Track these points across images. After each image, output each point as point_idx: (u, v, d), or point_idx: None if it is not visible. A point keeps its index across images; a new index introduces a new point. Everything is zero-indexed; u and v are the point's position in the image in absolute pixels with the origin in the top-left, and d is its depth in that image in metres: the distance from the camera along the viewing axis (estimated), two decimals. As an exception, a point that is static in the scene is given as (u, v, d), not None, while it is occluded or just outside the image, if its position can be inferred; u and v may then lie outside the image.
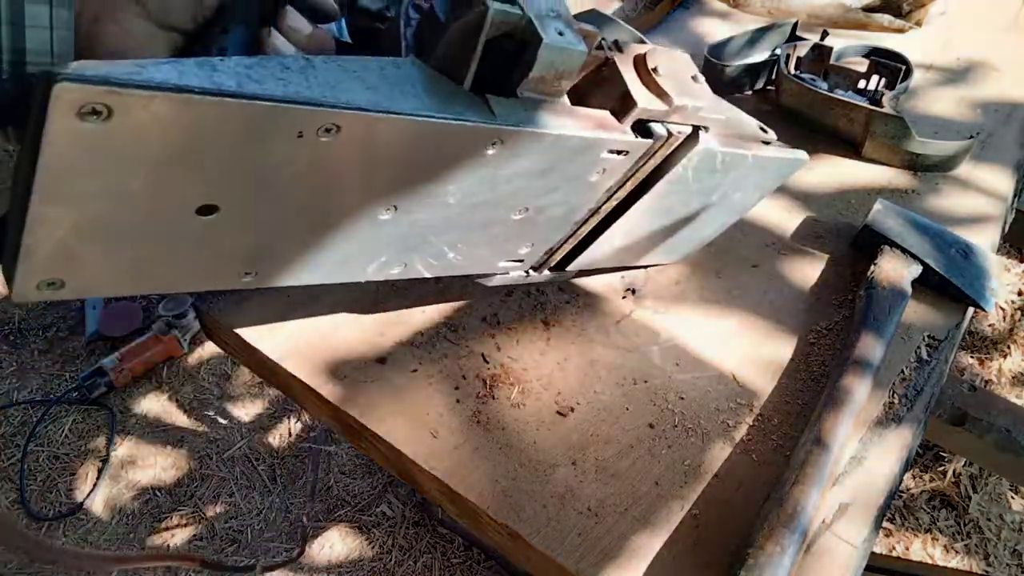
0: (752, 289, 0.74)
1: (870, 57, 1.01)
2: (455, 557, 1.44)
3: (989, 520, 1.47)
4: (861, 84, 1.00)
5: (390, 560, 1.43)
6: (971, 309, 0.73)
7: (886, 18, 1.19)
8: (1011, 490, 1.51)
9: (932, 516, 1.48)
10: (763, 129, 0.60)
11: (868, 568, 0.79)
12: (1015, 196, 0.93)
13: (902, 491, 1.50)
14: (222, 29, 0.42)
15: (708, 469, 0.57)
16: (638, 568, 0.51)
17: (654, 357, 0.66)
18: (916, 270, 0.72)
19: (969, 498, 1.49)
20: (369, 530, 1.48)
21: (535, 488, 0.55)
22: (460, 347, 0.65)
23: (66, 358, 1.77)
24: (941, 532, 1.46)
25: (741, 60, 1.05)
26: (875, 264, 0.72)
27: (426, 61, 0.41)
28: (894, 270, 0.71)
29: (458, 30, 0.40)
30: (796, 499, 0.52)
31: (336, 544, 1.46)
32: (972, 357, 1.74)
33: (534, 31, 0.40)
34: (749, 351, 0.67)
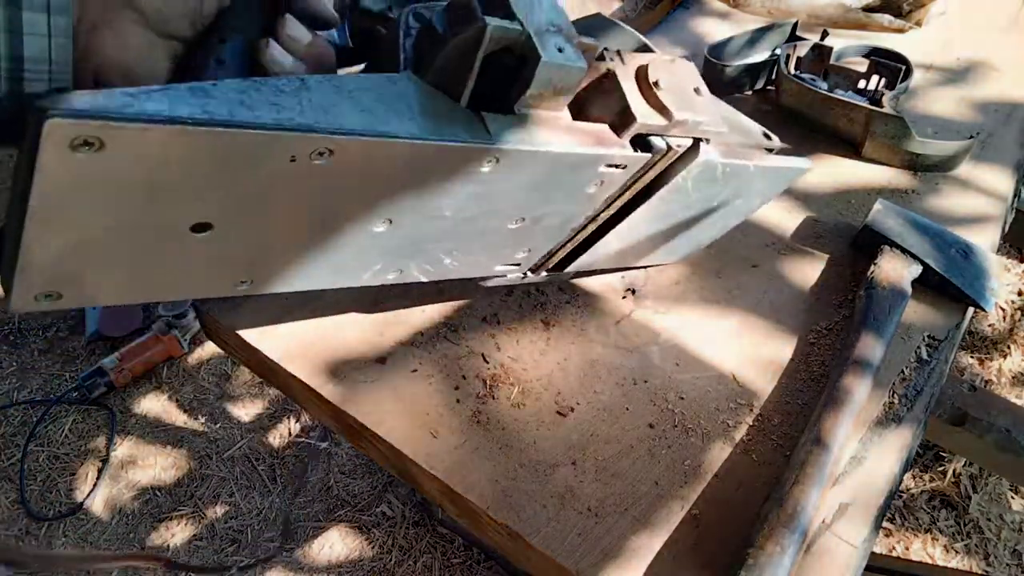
0: (752, 289, 0.74)
1: (870, 57, 1.01)
2: (455, 557, 1.44)
3: (989, 520, 1.47)
4: (861, 84, 1.00)
5: (390, 560, 1.43)
6: (971, 309, 0.73)
7: (886, 18, 1.19)
8: (1011, 490, 1.51)
9: (932, 516, 1.48)
10: (767, 136, 0.59)
11: (868, 568, 0.79)
12: (1015, 196, 0.93)
13: (902, 491, 1.50)
14: (220, 39, 0.42)
15: (708, 469, 0.57)
16: (638, 568, 0.51)
17: (654, 357, 0.66)
18: (916, 270, 0.72)
19: (969, 498, 1.49)
20: (369, 530, 1.48)
21: (535, 488, 0.55)
22: (460, 347, 0.65)
23: (66, 358, 1.77)
24: (941, 532, 1.45)
25: (741, 60, 1.05)
26: (875, 264, 0.72)
27: (423, 74, 0.41)
28: (894, 270, 0.71)
29: (456, 47, 0.40)
30: (796, 499, 0.52)
31: (336, 544, 1.46)
32: (972, 357, 1.74)
33: (532, 47, 0.39)
34: (749, 351, 0.67)
